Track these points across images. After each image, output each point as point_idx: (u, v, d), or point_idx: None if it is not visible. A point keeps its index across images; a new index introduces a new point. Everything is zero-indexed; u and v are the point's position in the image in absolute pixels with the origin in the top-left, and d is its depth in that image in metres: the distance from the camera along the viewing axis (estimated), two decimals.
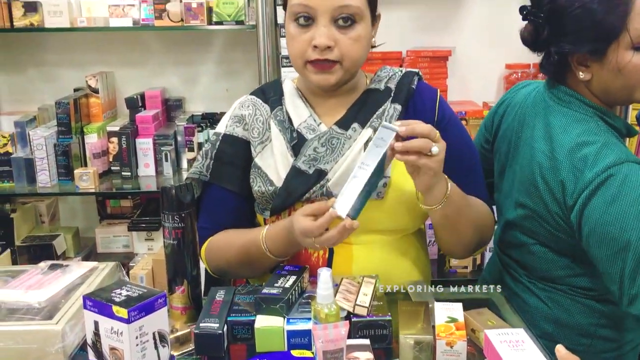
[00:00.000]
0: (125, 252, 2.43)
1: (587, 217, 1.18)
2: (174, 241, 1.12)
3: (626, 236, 1.13)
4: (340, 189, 1.21)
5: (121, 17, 2.15)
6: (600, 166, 1.17)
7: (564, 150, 1.23)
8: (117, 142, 2.25)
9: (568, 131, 1.25)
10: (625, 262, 1.14)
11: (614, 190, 1.15)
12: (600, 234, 1.16)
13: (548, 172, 1.25)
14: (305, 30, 1.20)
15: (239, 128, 1.33)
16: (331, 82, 1.22)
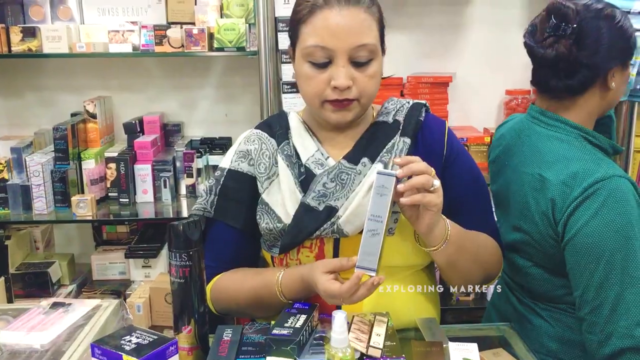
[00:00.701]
0: (122, 279, 2.38)
1: (570, 226, 1.26)
2: (181, 280, 1.09)
3: (601, 248, 1.22)
4: (350, 226, 1.20)
5: (121, 43, 2.13)
6: (589, 181, 1.25)
7: (553, 170, 1.31)
8: (115, 168, 2.22)
9: (555, 152, 1.33)
10: (594, 273, 1.22)
11: (599, 203, 1.23)
12: (577, 243, 1.24)
13: (539, 193, 1.32)
14: (322, 71, 1.19)
15: (244, 163, 1.31)
16: (348, 119, 1.22)
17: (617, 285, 1.21)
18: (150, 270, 2.33)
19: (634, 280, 1.21)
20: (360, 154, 1.26)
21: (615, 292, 1.21)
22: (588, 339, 1.26)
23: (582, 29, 1.31)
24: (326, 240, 1.23)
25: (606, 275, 1.22)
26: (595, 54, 1.32)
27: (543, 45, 1.35)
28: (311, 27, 1.18)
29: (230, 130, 2.48)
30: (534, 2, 2.39)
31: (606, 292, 1.22)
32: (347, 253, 1.22)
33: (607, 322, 1.22)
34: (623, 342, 1.21)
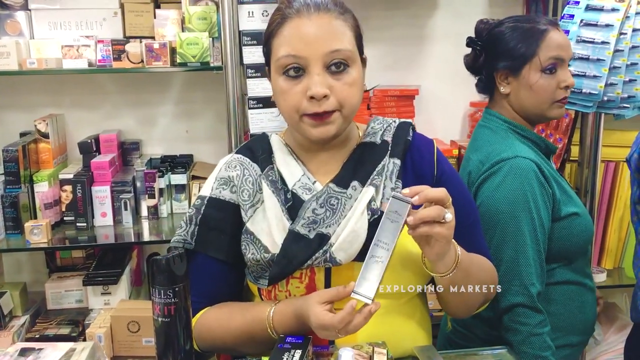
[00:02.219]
0: (79, 307, 2.24)
1: (477, 197, 1.48)
2: (166, 318, 1.01)
3: (498, 216, 1.43)
4: (343, 254, 1.13)
5: (75, 59, 2.01)
6: (496, 159, 1.47)
7: (477, 152, 1.56)
8: (71, 191, 2.09)
9: (483, 139, 1.58)
10: (492, 238, 1.42)
11: (501, 178, 1.44)
12: (481, 212, 1.42)
13: (465, 169, 1.58)
14: (296, 82, 1.13)
15: (226, 190, 1.23)
16: (331, 133, 1.15)
17: (510, 249, 1.41)
18: (110, 297, 2.20)
19: (526, 247, 1.41)
20: (349, 177, 1.20)
21: (509, 255, 1.41)
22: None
23: (486, 41, 1.60)
24: (317, 270, 1.17)
25: (502, 240, 1.42)
26: (489, 60, 1.59)
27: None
28: (282, 38, 1.14)
29: (192, 147, 2.39)
30: (497, 14, 2.38)
31: (501, 255, 1.41)
32: (339, 282, 1.15)
33: (503, 280, 1.37)
34: (515, 298, 1.40)
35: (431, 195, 1.02)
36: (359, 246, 1.13)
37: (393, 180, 1.20)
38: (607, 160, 2.22)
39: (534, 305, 1.40)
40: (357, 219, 1.14)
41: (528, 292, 1.40)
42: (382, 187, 1.19)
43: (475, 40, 1.64)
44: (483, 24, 1.64)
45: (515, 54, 1.54)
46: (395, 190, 1.18)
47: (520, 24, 1.57)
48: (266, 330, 1.13)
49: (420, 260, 1.15)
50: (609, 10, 1.83)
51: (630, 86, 1.87)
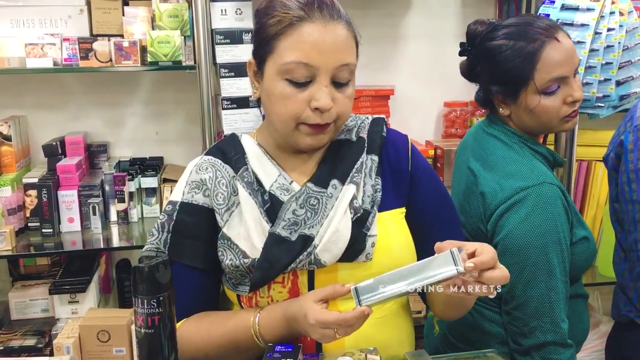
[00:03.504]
0: (45, 317, 2.14)
1: (500, 227, 1.35)
2: (150, 329, 0.96)
3: (529, 250, 1.31)
4: (328, 255, 1.09)
5: (40, 57, 1.93)
6: (520, 184, 1.34)
7: (490, 167, 1.41)
8: (36, 195, 2.00)
9: (495, 152, 1.43)
10: (522, 273, 1.31)
11: (529, 208, 1.32)
12: (507, 244, 1.33)
13: (472, 186, 1.43)
14: (301, 90, 1.08)
15: (199, 194, 1.17)
16: (324, 143, 1.14)
17: (542, 285, 1.32)
18: (78, 306, 2.11)
19: (557, 282, 1.32)
20: (327, 175, 1.17)
21: (540, 291, 1.32)
22: (511, 330, 1.37)
23: (479, 51, 1.46)
24: (300, 273, 1.13)
25: (532, 276, 1.32)
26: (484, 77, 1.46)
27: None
28: (292, 42, 1.07)
29: (162, 149, 2.32)
30: (469, 14, 2.40)
31: (532, 291, 1.32)
32: (324, 284, 1.11)
33: (532, 317, 1.32)
34: (547, 337, 1.32)
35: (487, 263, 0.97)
36: (343, 246, 1.10)
37: (372, 177, 1.18)
38: (580, 159, 2.23)
39: (565, 341, 1.34)
40: (340, 219, 1.11)
41: (560, 329, 1.33)
42: (362, 184, 1.16)
43: (469, 49, 1.49)
44: (476, 26, 1.47)
45: (507, 78, 1.40)
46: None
47: (511, 40, 1.39)
48: (251, 338, 1.09)
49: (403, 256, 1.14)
50: (584, 9, 1.84)
51: (605, 85, 1.89)
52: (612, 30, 1.85)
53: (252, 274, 1.11)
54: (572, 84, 1.40)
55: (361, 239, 1.12)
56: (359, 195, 1.15)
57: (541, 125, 1.44)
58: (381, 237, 1.14)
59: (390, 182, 1.21)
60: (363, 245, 1.12)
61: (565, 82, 1.39)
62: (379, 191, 1.17)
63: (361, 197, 1.15)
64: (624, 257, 1.50)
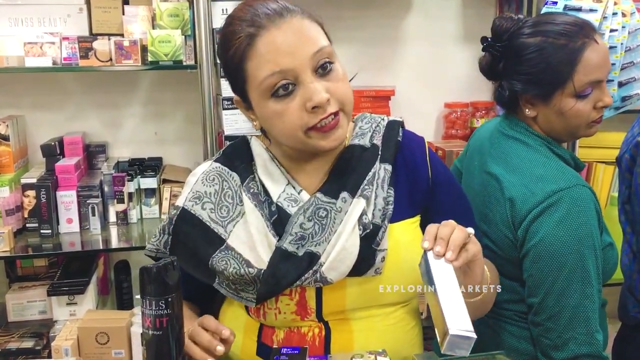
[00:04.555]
0: (43, 319, 2.12)
1: (532, 233, 1.27)
2: (158, 331, 0.94)
3: (565, 257, 1.24)
4: (334, 273, 1.07)
5: (39, 56, 1.91)
6: (552, 187, 1.27)
7: (516, 171, 1.34)
8: (35, 196, 1.97)
9: (520, 155, 1.36)
10: (556, 280, 1.25)
11: (563, 212, 1.25)
12: (541, 251, 1.26)
13: (500, 194, 1.34)
14: (290, 99, 1.04)
15: (198, 206, 1.15)
16: (342, 137, 1.07)
17: (577, 293, 1.25)
18: (76, 308, 2.09)
19: (592, 290, 1.25)
20: (338, 186, 1.12)
21: (575, 300, 1.25)
22: (542, 342, 1.30)
23: (506, 48, 1.37)
24: (307, 287, 1.10)
25: (568, 284, 1.25)
26: (510, 75, 1.38)
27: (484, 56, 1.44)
28: (257, 60, 1.03)
29: (161, 150, 2.31)
30: (469, 15, 2.40)
31: (566, 301, 1.25)
32: (332, 299, 1.11)
33: (565, 328, 1.25)
34: (580, 349, 1.25)
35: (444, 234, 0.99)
36: (350, 263, 1.07)
37: (385, 188, 1.13)
38: None
39: (600, 353, 1.26)
40: (347, 236, 1.07)
41: (595, 340, 1.26)
42: (373, 197, 1.12)
43: (493, 44, 1.40)
44: (503, 21, 1.39)
45: (542, 78, 1.33)
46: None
47: (549, 38, 1.32)
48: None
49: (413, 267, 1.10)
50: (587, 10, 1.84)
51: (607, 87, 1.88)
52: (615, 31, 1.85)
53: (257, 287, 1.09)
54: (604, 89, 1.35)
55: (370, 255, 1.08)
56: (370, 209, 1.11)
57: (569, 129, 1.37)
58: (392, 250, 1.11)
59: (405, 190, 1.17)
60: (372, 261, 1.08)
61: (599, 86, 1.34)
62: (391, 204, 1.12)
63: (372, 211, 1.11)
64: (633, 258, 1.50)
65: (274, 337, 1.14)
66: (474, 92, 2.44)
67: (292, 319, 1.12)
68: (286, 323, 1.13)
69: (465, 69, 2.45)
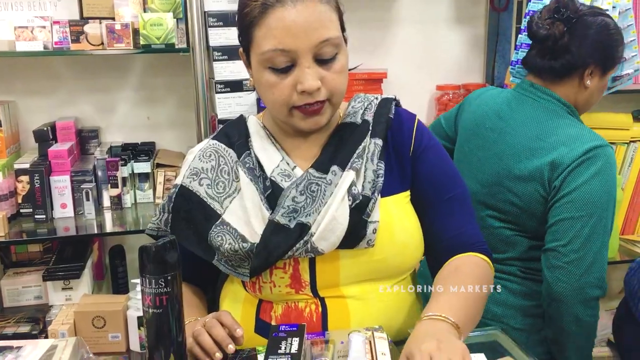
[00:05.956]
0: (38, 304, 2.13)
1: (568, 182, 1.42)
2: (158, 309, 0.95)
3: (596, 206, 1.40)
4: (325, 243, 1.08)
5: (30, 41, 1.89)
6: (589, 145, 1.42)
7: (549, 135, 1.48)
8: (28, 181, 1.97)
9: (550, 120, 1.51)
10: (585, 226, 1.39)
11: (598, 166, 1.41)
12: (576, 197, 1.40)
13: (534, 156, 1.48)
14: (285, 76, 1.07)
15: (195, 182, 1.17)
16: (322, 123, 1.11)
17: (599, 241, 1.40)
18: (71, 293, 2.10)
19: (607, 241, 1.42)
20: (329, 161, 1.15)
21: (597, 247, 1.40)
22: (558, 286, 1.42)
23: (578, 20, 1.50)
24: (301, 259, 1.12)
25: (593, 231, 1.40)
26: (580, 46, 1.50)
27: (541, 25, 1.52)
28: (265, 30, 1.05)
29: (154, 134, 2.30)
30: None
31: (590, 246, 1.39)
32: (325, 271, 1.12)
33: (585, 273, 1.39)
34: (594, 292, 1.41)
35: None
36: (340, 234, 1.09)
37: (374, 162, 1.15)
38: None
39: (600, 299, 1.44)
40: (337, 206, 1.09)
41: (605, 285, 1.42)
42: (363, 169, 1.14)
43: (570, 18, 1.51)
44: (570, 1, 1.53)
45: (616, 57, 1.55)
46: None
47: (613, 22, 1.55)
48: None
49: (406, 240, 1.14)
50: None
51: None
52: (606, 11, 1.85)
53: (251, 260, 1.11)
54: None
55: (361, 226, 1.10)
56: (359, 181, 1.13)
57: (592, 103, 1.59)
58: (384, 223, 1.12)
59: (396, 165, 1.19)
60: (363, 232, 1.10)
61: None
62: (381, 176, 1.14)
63: (361, 183, 1.13)
64: None
65: (272, 314, 1.15)
66: (465, 74, 2.46)
67: (286, 292, 1.13)
68: (281, 297, 1.14)
69: (457, 51, 2.46)
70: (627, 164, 2.30)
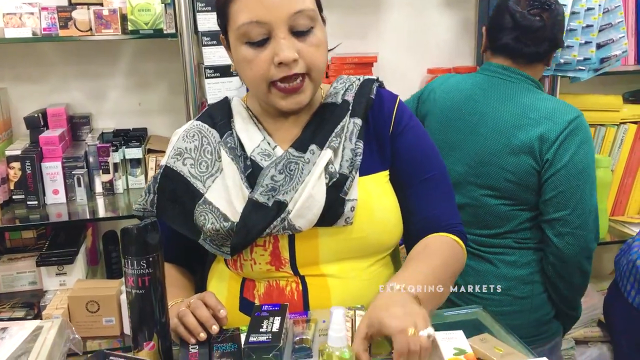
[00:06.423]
0: (33, 289, 2.15)
1: (560, 155, 1.53)
2: (140, 290, 0.96)
3: (589, 172, 1.55)
4: (302, 220, 1.10)
5: (18, 27, 1.90)
6: (569, 117, 1.54)
7: (532, 110, 1.57)
8: (20, 168, 1.98)
9: (529, 97, 1.60)
10: (584, 192, 1.53)
11: (582, 135, 1.54)
12: (571, 168, 1.53)
13: (519, 131, 1.57)
14: (261, 49, 1.08)
15: (179, 162, 1.19)
16: (304, 102, 1.12)
17: (594, 200, 1.56)
18: (65, 278, 2.12)
19: (596, 190, 1.58)
20: (308, 140, 1.16)
21: (594, 206, 1.56)
22: (571, 249, 1.55)
23: (552, 8, 1.61)
24: (280, 237, 1.14)
25: (590, 193, 1.55)
26: (558, 31, 1.64)
27: (530, 14, 1.59)
28: (240, 4, 1.07)
29: (145, 120, 2.31)
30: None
31: (590, 207, 1.55)
32: (304, 248, 1.14)
33: (590, 231, 1.55)
34: (594, 245, 1.58)
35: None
36: (317, 211, 1.10)
37: (353, 141, 1.16)
38: None
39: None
40: (314, 184, 1.10)
41: (598, 239, 1.59)
42: (341, 148, 1.15)
43: (549, 5, 1.61)
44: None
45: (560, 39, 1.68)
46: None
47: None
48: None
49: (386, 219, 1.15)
50: None
51: (585, 48, 1.90)
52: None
53: (231, 238, 1.12)
54: None
55: (338, 204, 1.11)
56: (337, 160, 1.14)
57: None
58: (362, 201, 1.13)
59: (376, 145, 1.20)
60: (341, 210, 1.11)
61: None
62: (359, 155, 1.15)
63: (339, 161, 1.14)
64: None
65: (255, 292, 1.17)
66: (456, 57, 2.46)
67: (267, 270, 1.15)
68: (262, 274, 1.16)
69: (448, 35, 2.46)
70: (617, 145, 2.31)
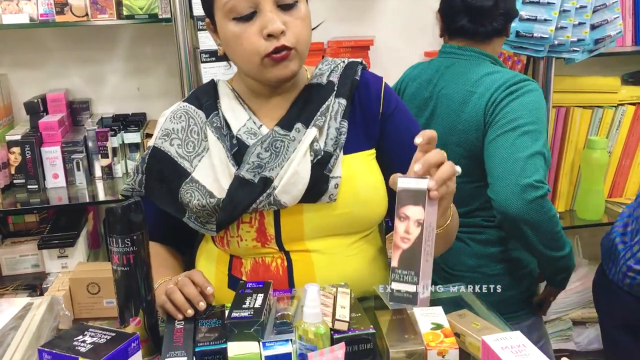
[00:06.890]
0: (35, 272, 2.19)
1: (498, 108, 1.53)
2: (125, 267, 0.99)
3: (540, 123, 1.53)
4: (287, 196, 1.13)
5: (16, 14, 1.92)
6: (516, 79, 1.55)
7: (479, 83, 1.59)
8: (20, 152, 2.02)
9: (479, 72, 1.62)
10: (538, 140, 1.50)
11: (524, 90, 1.53)
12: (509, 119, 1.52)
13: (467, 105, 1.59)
14: (249, 24, 1.11)
15: (167, 143, 1.22)
16: (290, 71, 1.13)
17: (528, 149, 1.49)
18: (67, 261, 2.16)
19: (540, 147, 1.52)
20: (294, 119, 1.19)
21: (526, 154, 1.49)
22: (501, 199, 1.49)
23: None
24: (266, 214, 1.17)
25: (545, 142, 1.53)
26: (511, 2, 1.67)
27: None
28: None
29: (144, 105, 2.33)
30: None
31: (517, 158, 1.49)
32: (289, 224, 1.17)
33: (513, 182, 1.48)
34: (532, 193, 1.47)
35: (432, 161, 0.95)
36: (302, 187, 1.13)
37: (338, 120, 1.18)
38: (558, 105, 2.26)
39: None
40: (299, 161, 1.13)
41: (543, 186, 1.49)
42: (326, 127, 1.18)
43: None
44: None
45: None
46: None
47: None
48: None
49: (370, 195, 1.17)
50: None
51: (579, 29, 1.90)
52: None
53: (217, 214, 1.15)
54: None
55: (323, 181, 1.14)
56: (322, 138, 1.17)
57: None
58: (346, 178, 1.16)
59: (361, 124, 1.23)
60: (325, 186, 1.14)
61: None
62: (344, 134, 1.18)
63: (324, 139, 1.17)
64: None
65: (242, 269, 1.20)
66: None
67: (253, 246, 1.17)
68: (248, 251, 1.18)
69: None
70: (615, 127, 2.31)
